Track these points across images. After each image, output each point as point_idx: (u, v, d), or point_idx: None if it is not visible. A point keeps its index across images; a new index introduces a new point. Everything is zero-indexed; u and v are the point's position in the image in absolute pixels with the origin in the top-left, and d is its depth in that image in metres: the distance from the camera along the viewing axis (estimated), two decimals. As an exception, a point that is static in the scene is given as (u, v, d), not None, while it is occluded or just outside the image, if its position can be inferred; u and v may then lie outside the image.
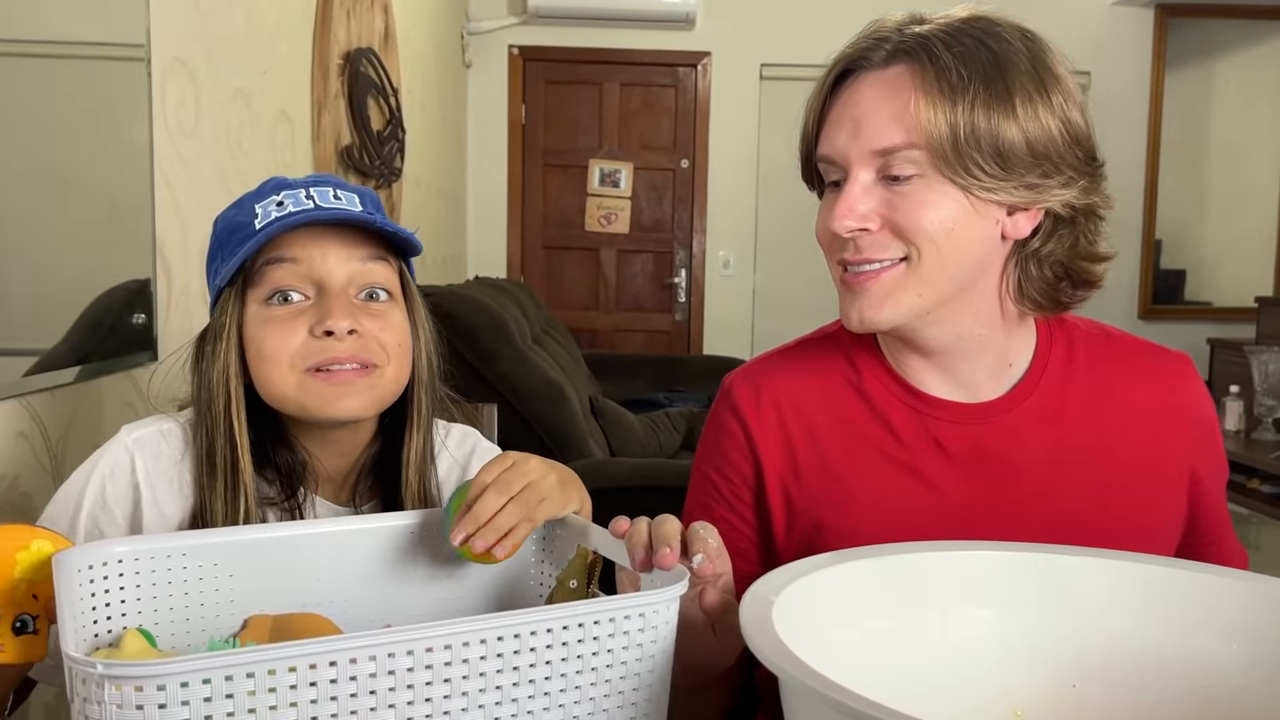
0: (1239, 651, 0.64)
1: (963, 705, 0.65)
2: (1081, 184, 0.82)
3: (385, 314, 0.87)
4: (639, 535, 0.70)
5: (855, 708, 0.44)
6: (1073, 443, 0.88)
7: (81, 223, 1.35)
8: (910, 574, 0.67)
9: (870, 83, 0.83)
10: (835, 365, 0.93)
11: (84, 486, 0.87)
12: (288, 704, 0.53)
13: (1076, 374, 0.90)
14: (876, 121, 0.81)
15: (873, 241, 0.83)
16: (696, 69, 4.86)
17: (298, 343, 0.84)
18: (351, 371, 0.84)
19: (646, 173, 4.91)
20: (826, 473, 0.90)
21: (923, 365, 0.89)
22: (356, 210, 0.85)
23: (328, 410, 0.84)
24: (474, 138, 4.83)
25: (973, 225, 0.81)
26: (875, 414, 0.90)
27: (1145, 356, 0.92)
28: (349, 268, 0.85)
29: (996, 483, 0.87)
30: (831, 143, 0.84)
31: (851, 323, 0.86)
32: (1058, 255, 0.85)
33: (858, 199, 0.82)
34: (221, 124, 1.76)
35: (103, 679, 0.50)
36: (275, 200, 0.85)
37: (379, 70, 2.82)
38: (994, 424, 0.88)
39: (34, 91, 1.24)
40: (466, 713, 0.58)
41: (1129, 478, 0.88)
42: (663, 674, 0.65)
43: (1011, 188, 0.80)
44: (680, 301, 4.95)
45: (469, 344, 2.43)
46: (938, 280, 0.82)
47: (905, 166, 0.80)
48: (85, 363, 1.33)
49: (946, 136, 0.78)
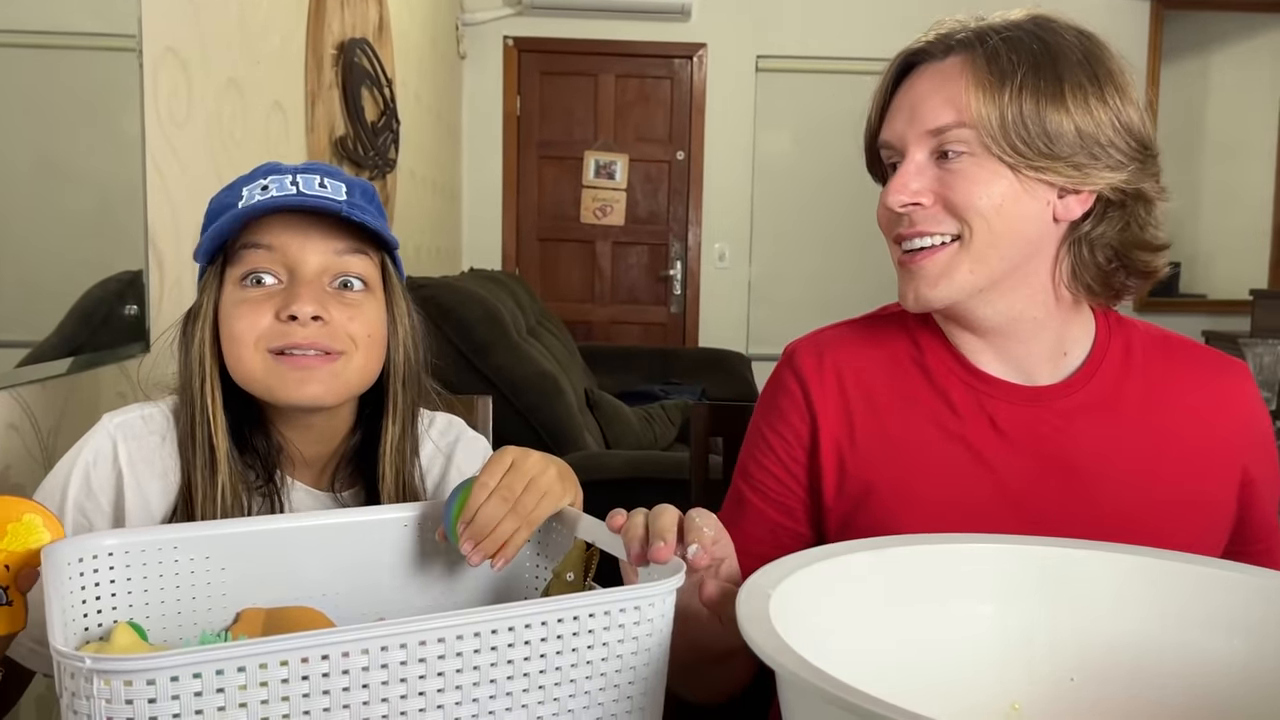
0: (1239, 646, 0.63)
1: (961, 699, 0.65)
2: (1131, 169, 0.84)
3: (357, 304, 0.87)
4: (635, 529, 0.70)
5: (852, 702, 0.44)
6: (1126, 437, 0.89)
7: (73, 214, 1.34)
8: (909, 567, 0.67)
9: (931, 73, 0.88)
10: (898, 340, 0.96)
11: (68, 475, 0.87)
12: (279, 698, 0.53)
13: (1133, 370, 0.92)
14: (931, 104, 0.86)
15: (926, 216, 0.86)
16: (692, 61, 4.84)
17: (264, 324, 0.84)
18: (314, 358, 0.85)
19: (642, 165, 4.90)
20: (883, 438, 0.92)
21: (979, 345, 0.92)
22: (334, 200, 0.85)
23: (290, 394, 0.85)
24: (469, 129, 4.81)
25: (1022, 204, 0.84)
26: (934, 387, 0.92)
27: (1203, 361, 0.94)
28: (324, 257, 0.86)
29: (1048, 467, 0.88)
30: (891, 129, 0.89)
31: (908, 302, 0.89)
32: (1108, 239, 0.87)
33: (911, 176, 0.86)
34: (214, 114, 1.75)
35: (91, 673, 0.49)
36: (261, 184, 0.85)
37: (373, 61, 2.81)
38: (1049, 409, 0.90)
39: (26, 82, 1.23)
40: (460, 706, 0.58)
41: (1179, 475, 0.89)
42: (659, 667, 0.65)
43: (1059, 168, 0.83)
44: (675, 294, 4.95)
45: (464, 336, 2.42)
46: (990, 257, 0.85)
47: (956, 145, 0.84)
48: (77, 354, 1.32)
49: (994, 116, 0.83)
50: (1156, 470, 0.88)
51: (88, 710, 0.50)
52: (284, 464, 0.92)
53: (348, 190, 0.87)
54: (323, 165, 0.90)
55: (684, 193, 4.91)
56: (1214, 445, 0.90)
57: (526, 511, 0.75)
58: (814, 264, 4.84)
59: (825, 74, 4.72)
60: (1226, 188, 4.94)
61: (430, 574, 0.83)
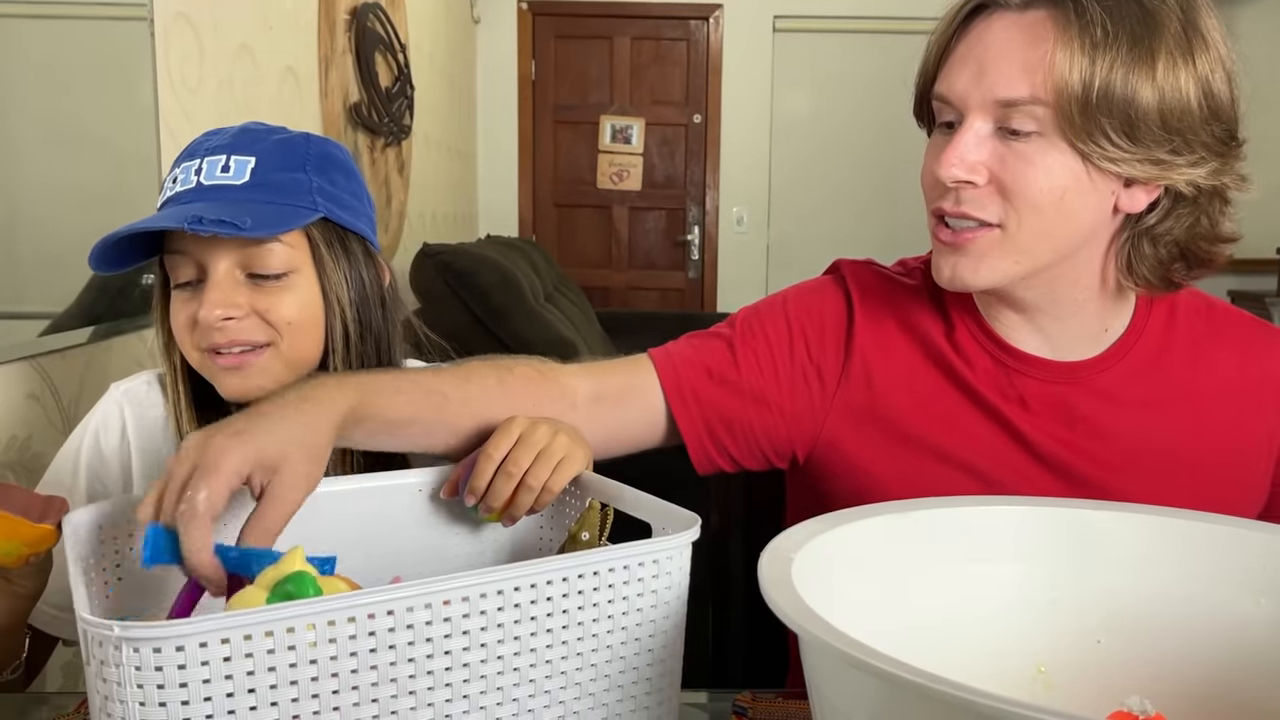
0: (1268, 606, 0.62)
1: (986, 662, 0.64)
2: (1213, 164, 0.76)
3: (276, 292, 0.84)
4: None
5: (877, 666, 0.43)
6: (1165, 409, 0.85)
7: (89, 183, 1.34)
8: (933, 529, 0.66)
9: (1005, 24, 0.76)
10: (928, 315, 0.89)
11: (80, 443, 0.90)
12: (307, 661, 0.53)
13: (1175, 342, 0.87)
14: (1005, 68, 0.75)
15: (975, 197, 0.78)
16: (708, 21, 4.78)
17: (191, 325, 0.84)
18: (239, 355, 0.84)
19: (658, 128, 4.85)
20: (898, 423, 0.88)
21: (1016, 320, 0.86)
22: (175, 219, 0.78)
23: (229, 391, 0.85)
24: (483, 94, 4.77)
25: (1085, 195, 0.76)
26: (962, 368, 0.87)
27: (1247, 328, 0.90)
28: (234, 256, 0.83)
29: (1083, 444, 0.85)
30: (951, 83, 0.78)
31: (943, 279, 0.82)
32: (1175, 235, 0.79)
33: (969, 148, 0.77)
34: (226, 80, 1.74)
35: (120, 641, 0.50)
36: (174, 175, 0.84)
37: (387, 26, 2.78)
38: (1085, 385, 0.85)
39: (39, 53, 1.23)
40: (485, 664, 0.58)
41: (1218, 445, 0.86)
42: (678, 620, 0.65)
43: (1136, 160, 0.74)
44: (693, 259, 4.92)
45: (481, 302, 2.42)
46: (1038, 249, 0.79)
47: (1026, 122, 0.75)
48: (96, 324, 1.32)
49: (1078, 96, 0.72)
50: (1195, 443, 0.85)
51: (117, 678, 0.50)
52: None
53: (256, 166, 0.82)
54: (238, 135, 0.85)
55: (701, 156, 4.86)
56: (1255, 415, 0.87)
57: (538, 481, 0.75)
58: (833, 228, 4.80)
59: (844, 34, 4.65)
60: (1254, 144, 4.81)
61: (447, 537, 0.83)
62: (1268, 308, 4.16)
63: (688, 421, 0.88)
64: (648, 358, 0.90)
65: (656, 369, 0.89)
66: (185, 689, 0.50)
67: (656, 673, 0.65)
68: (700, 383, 0.88)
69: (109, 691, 0.51)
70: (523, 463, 0.75)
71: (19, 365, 1.17)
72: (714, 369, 0.89)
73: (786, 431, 0.90)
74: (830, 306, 0.92)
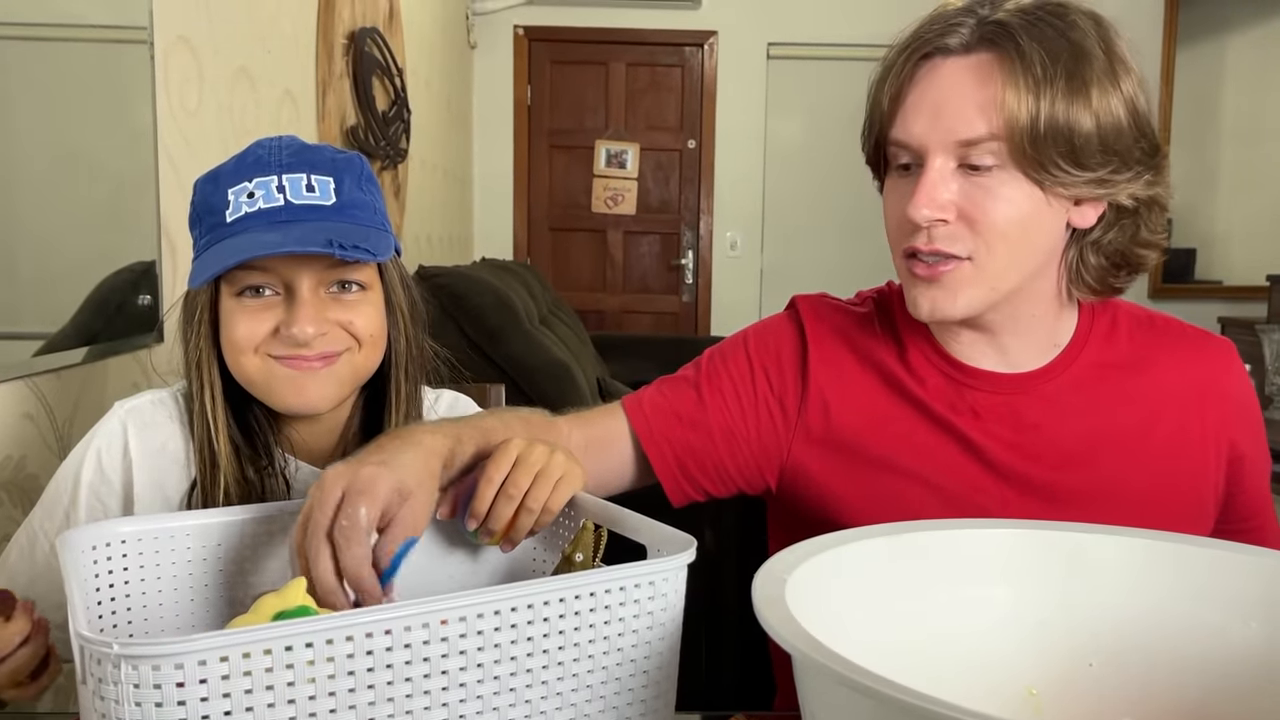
0: (1257, 629, 0.63)
1: (977, 684, 0.65)
2: (1147, 177, 0.82)
3: (357, 304, 0.87)
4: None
5: (869, 686, 0.44)
6: (1111, 416, 0.89)
7: (87, 205, 1.34)
8: (925, 552, 0.67)
9: (953, 69, 0.81)
10: (881, 343, 0.94)
11: (81, 461, 0.89)
12: (305, 679, 0.53)
13: (1118, 350, 0.91)
14: (961, 109, 0.79)
15: (947, 234, 0.82)
16: (703, 48, 4.82)
17: (264, 332, 0.85)
18: (315, 358, 0.85)
19: (653, 153, 4.88)
20: (864, 422, 0.92)
21: (973, 339, 0.90)
22: (316, 242, 0.81)
23: (287, 402, 0.86)
24: (480, 119, 4.80)
25: (1043, 217, 0.82)
26: (915, 389, 0.91)
27: (1188, 338, 0.94)
28: (319, 273, 0.85)
29: (1034, 450, 0.88)
30: (908, 128, 0.82)
31: (921, 312, 0.85)
32: (1118, 244, 0.86)
33: (937, 187, 0.81)
34: (225, 103, 1.75)
35: (119, 659, 0.50)
36: (247, 190, 0.83)
37: (384, 50, 2.80)
38: (1033, 394, 0.89)
39: (39, 75, 1.24)
40: (482, 683, 0.58)
41: (1166, 451, 0.89)
42: (673, 642, 0.66)
43: (1083, 183, 0.80)
44: (687, 282, 4.94)
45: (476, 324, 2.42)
46: (1009, 274, 0.83)
47: (985, 157, 0.80)
48: (92, 344, 1.33)
49: (1027, 130, 0.78)
50: (1142, 447, 0.89)
51: (115, 695, 0.50)
52: (293, 451, 0.92)
53: (335, 186, 0.85)
54: (311, 154, 0.87)
55: (695, 181, 4.89)
56: (1201, 422, 0.90)
57: (538, 504, 0.76)
58: (826, 252, 4.83)
59: (837, 61, 4.69)
60: (1243, 172, 4.89)
61: (443, 558, 0.83)
62: (1258, 334, 4.18)
63: (661, 463, 0.93)
64: (620, 407, 0.96)
65: (628, 417, 0.95)
66: (184, 707, 0.50)
67: (651, 694, 0.65)
68: (671, 427, 0.94)
69: (106, 710, 0.51)
70: (522, 484, 0.75)
71: (14, 385, 1.17)
72: (683, 413, 0.94)
73: (755, 463, 0.94)
74: (786, 340, 0.96)
